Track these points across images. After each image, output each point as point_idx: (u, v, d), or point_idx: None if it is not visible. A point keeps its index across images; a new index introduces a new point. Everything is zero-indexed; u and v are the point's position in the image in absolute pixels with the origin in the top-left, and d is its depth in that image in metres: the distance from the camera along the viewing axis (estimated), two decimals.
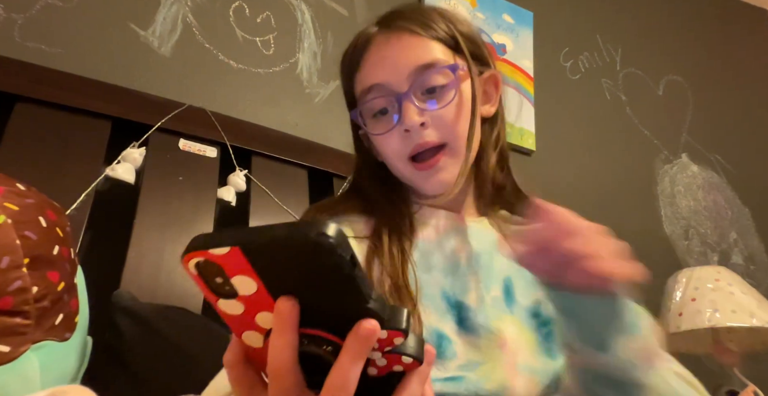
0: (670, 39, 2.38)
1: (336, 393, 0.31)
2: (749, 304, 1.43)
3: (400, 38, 0.70)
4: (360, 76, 0.73)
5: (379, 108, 0.71)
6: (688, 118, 2.31)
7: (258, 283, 0.30)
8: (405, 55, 0.69)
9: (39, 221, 0.66)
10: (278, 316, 0.31)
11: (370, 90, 0.71)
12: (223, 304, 0.31)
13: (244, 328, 0.33)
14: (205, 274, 0.30)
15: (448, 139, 0.70)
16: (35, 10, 1.17)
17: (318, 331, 0.32)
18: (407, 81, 0.69)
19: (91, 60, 1.20)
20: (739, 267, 2.13)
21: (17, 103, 1.03)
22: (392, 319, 0.32)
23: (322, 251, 0.28)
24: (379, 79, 0.70)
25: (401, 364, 0.33)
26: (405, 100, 0.68)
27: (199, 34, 1.35)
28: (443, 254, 0.70)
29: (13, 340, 0.60)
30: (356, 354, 0.31)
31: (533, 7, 2.01)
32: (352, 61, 0.74)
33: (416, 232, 0.72)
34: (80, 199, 1.00)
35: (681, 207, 2.12)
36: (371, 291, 0.31)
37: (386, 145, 0.72)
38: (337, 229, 0.28)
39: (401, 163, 0.72)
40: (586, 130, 2.01)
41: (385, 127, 0.71)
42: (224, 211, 1.19)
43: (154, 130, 1.13)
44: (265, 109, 1.38)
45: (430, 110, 0.69)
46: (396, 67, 0.69)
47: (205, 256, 0.29)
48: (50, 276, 0.65)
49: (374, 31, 0.73)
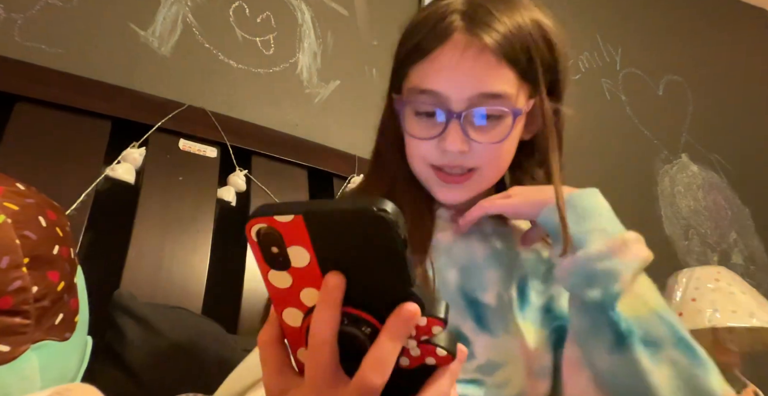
0: (670, 39, 2.38)
1: (373, 372, 0.30)
2: (749, 304, 1.43)
3: (479, 54, 0.62)
4: (421, 69, 0.66)
5: (426, 110, 0.66)
6: (688, 118, 2.31)
7: (311, 255, 0.31)
8: (476, 77, 0.63)
9: (39, 221, 0.66)
10: (325, 289, 0.31)
11: (425, 92, 0.65)
12: (273, 275, 0.32)
13: (287, 303, 0.33)
14: (263, 242, 0.31)
15: (482, 166, 0.67)
16: (35, 10, 1.18)
17: (359, 311, 0.32)
18: (466, 102, 0.64)
19: (91, 60, 1.20)
20: (739, 267, 2.13)
21: (17, 103, 1.04)
22: (433, 308, 0.32)
23: (381, 226, 0.29)
24: (441, 88, 0.64)
25: (434, 356, 0.33)
26: (455, 120, 0.64)
27: (199, 34, 1.35)
28: (462, 252, 0.69)
29: (13, 339, 0.60)
30: (396, 334, 0.31)
31: None
32: (421, 45, 0.65)
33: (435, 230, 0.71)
34: (80, 199, 1.00)
35: (681, 207, 2.12)
36: (416, 277, 0.31)
37: (416, 147, 0.68)
38: (397, 208, 0.30)
39: (422, 165, 0.69)
40: (585, 130, 2.01)
41: (425, 133, 0.66)
42: (224, 211, 1.19)
43: (154, 130, 1.13)
44: (265, 109, 1.38)
45: (475, 142, 0.65)
46: (462, 84, 0.64)
47: (268, 222, 0.30)
48: (50, 276, 0.65)
49: (458, 25, 0.64)
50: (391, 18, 1.68)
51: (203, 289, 1.06)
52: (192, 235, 1.10)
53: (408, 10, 1.73)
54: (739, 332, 1.58)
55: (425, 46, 0.65)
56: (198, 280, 1.06)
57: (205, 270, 1.08)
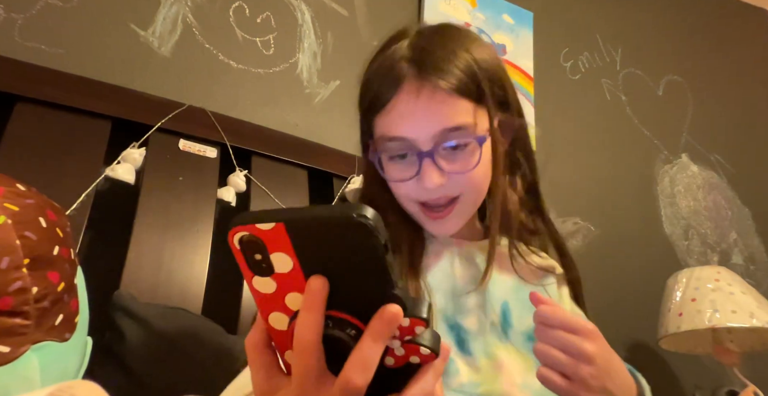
0: (670, 39, 2.38)
1: (356, 372, 0.31)
2: (749, 304, 1.43)
3: (431, 95, 0.67)
4: (384, 120, 0.71)
5: (398, 153, 0.71)
6: (688, 118, 2.31)
7: (294, 261, 0.32)
8: (434, 116, 0.67)
9: (39, 222, 0.66)
10: (309, 293, 0.32)
11: (393, 139, 0.70)
12: (258, 281, 0.33)
13: (272, 308, 0.34)
14: (246, 250, 0.32)
15: (464, 192, 0.71)
16: (35, 10, 1.17)
17: (343, 314, 0.33)
18: (432, 140, 0.68)
19: (91, 60, 1.20)
20: (739, 267, 2.12)
21: (17, 103, 1.03)
22: (415, 308, 0.33)
23: (361, 232, 0.30)
24: (405, 133, 0.69)
25: (419, 355, 0.34)
26: (427, 158, 0.68)
27: (199, 34, 1.35)
28: (443, 278, 0.72)
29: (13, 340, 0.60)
30: (378, 335, 0.32)
31: (533, 7, 2.01)
32: (379, 98, 0.70)
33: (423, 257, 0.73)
34: (80, 199, 1.00)
35: (681, 207, 2.12)
36: (398, 279, 0.33)
37: (399, 189, 0.73)
38: (376, 214, 0.30)
39: (411, 205, 0.73)
40: (586, 130, 2.01)
41: (403, 175, 0.70)
42: (224, 212, 1.19)
43: (154, 131, 1.13)
44: (265, 109, 1.38)
45: (450, 173, 0.68)
46: (423, 126, 0.68)
47: (250, 230, 0.31)
48: (50, 276, 0.65)
49: (406, 72, 0.69)
50: (391, 18, 1.68)
51: (203, 289, 1.06)
52: (192, 235, 1.10)
53: (408, 10, 1.73)
54: (739, 332, 1.58)
55: (382, 97, 0.70)
56: (198, 281, 1.06)
57: (205, 270, 1.08)
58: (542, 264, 0.80)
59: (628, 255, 1.88)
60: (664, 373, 1.77)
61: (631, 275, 1.84)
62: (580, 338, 0.54)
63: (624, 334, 1.74)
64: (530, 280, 0.77)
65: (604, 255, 1.82)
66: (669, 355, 1.73)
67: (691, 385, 1.72)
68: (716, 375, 1.77)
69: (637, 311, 1.71)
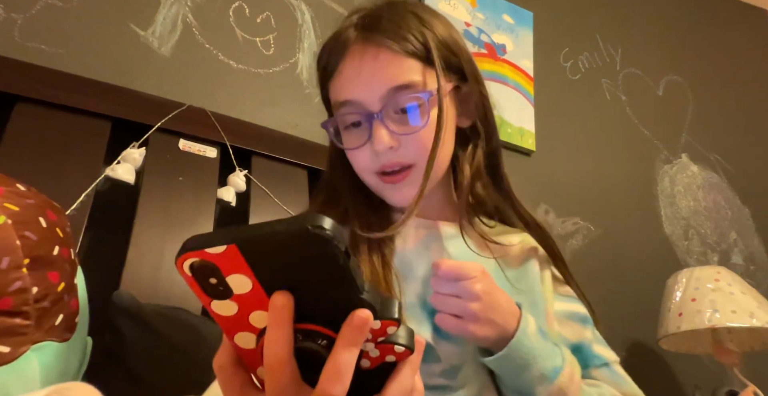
0: (670, 39, 2.38)
1: (332, 382, 0.31)
2: (749, 304, 1.43)
3: (376, 54, 0.68)
4: (334, 85, 0.72)
5: (352, 121, 0.71)
6: (688, 118, 2.31)
7: (253, 280, 0.31)
8: (379, 75, 0.68)
9: (39, 222, 0.66)
10: (273, 310, 0.31)
11: (343, 104, 0.71)
12: (217, 305, 0.32)
13: (237, 329, 0.33)
14: (199, 276, 0.30)
15: (417, 160, 0.70)
16: (35, 10, 1.17)
17: (312, 326, 0.32)
18: (380, 101, 0.68)
19: (91, 60, 1.20)
20: (739, 267, 2.13)
21: (17, 103, 1.03)
22: (385, 310, 0.32)
23: (319, 243, 0.29)
24: (353, 95, 0.69)
25: (393, 354, 0.34)
26: (376, 120, 0.68)
27: (199, 34, 1.35)
28: (420, 262, 0.71)
29: (13, 340, 0.60)
30: (350, 343, 0.31)
31: (533, 7, 2.01)
32: (328, 65, 0.73)
33: (396, 240, 0.72)
34: (80, 199, 1.00)
35: (681, 207, 2.12)
36: (364, 283, 0.32)
37: (356, 159, 0.73)
38: (333, 222, 0.29)
39: (369, 176, 0.73)
40: (586, 130, 2.01)
41: (357, 142, 0.71)
42: (224, 212, 1.19)
43: (154, 131, 1.13)
44: (265, 109, 1.38)
45: (400, 134, 0.68)
46: (369, 85, 0.68)
47: (200, 256, 0.30)
48: (50, 276, 0.65)
49: (353, 36, 0.71)
50: None
51: None
52: (192, 235, 1.10)
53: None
54: (739, 332, 1.58)
55: (331, 64, 0.72)
56: None
57: None
58: (519, 244, 0.79)
59: (628, 255, 1.88)
60: (664, 373, 1.77)
61: (631, 275, 1.84)
62: (469, 282, 0.61)
63: (624, 334, 1.74)
64: (511, 264, 0.76)
65: (604, 255, 1.82)
66: (669, 355, 1.73)
67: (691, 385, 1.72)
68: (716, 375, 1.77)
69: (637, 311, 1.71)
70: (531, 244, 0.81)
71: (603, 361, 0.74)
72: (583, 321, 0.77)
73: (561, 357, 0.64)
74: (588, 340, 0.75)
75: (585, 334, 0.76)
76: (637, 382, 0.74)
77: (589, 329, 0.77)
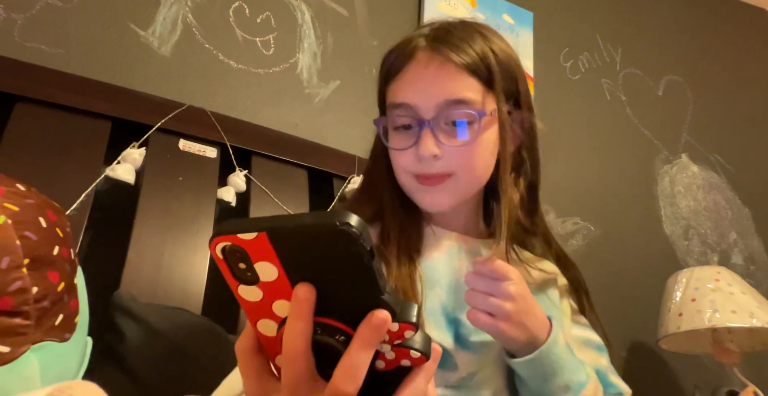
0: (670, 39, 2.38)
1: (345, 379, 0.31)
2: (749, 305, 1.43)
3: (441, 66, 0.71)
4: (394, 87, 0.74)
5: (402, 123, 0.73)
6: (688, 118, 2.31)
7: (279, 270, 0.31)
8: (440, 85, 0.70)
9: (39, 222, 0.66)
10: (295, 301, 0.32)
11: (398, 106, 0.73)
12: (243, 290, 0.33)
13: (260, 315, 0.34)
14: (229, 259, 0.31)
15: (457, 171, 0.71)
16: (35, 10, 1.17)
17: (331, 321, 0.33)
18: (434, 110, 0.70)
19: (91, 60, 1.20)
20: (739, 267, 2.13)
21: (17, 103, 1.03)
22: (404, 313, 0.33)
23: (345, 240, 0.29)
24: (410, 99, 0.71)
25: (409, 358, 0.34)
26: (426, 128, 0.70)
27: (199, 35, 1.35)
28: (446, 271, 0.72)
29: (13, 340, 0.60)
30: (367, 342, 0.32)
31: (533, 8, 2.01)
32: (393, 66, 0.75)
33: (423, 247, 0.74)
34: (80, 199, 1.00)
35: (681, 207, 2.12)
36: (386, 284, 0.32)
37: (397, 159, 0.74)
38: (360, 220, 0.30)
39: (405, 176, 0.74)
40: (586, 130, 2.01)
41: (403, 143, 0.73)
42: (224, 212, 1.19)
43: (154, 131, 1.13)
44: (265, 109, 1.38)
45: (446, 145, 0.70)
46: (428, 93, 0.70)
47: (232, 240, 0.31)
48: (50, 276, 0.65)
49: (422, 45, 0.73)
50: (391, 18, 1.68)
51: (203, 289, 1.06)
52: (192, 235, 1.10)
53: (408, 10, 1.73)
54: (739, 332, 1.58)
55: (396, 66, 0.74)
56: (198, 280, 1.06)
57: (205, 270, 1.08)
58: (543, 269, 0.80)
59: (628, 255, 1.88)
60: (664, 373, 1.77)
61: (631, 275, 1.84)
62: (506, 283, 0.62)
63: (624, 334, 1.74)
64: (531, 288, 0.77)
65: (604, 255, 1.82)
66: (669, 355, 1.73)
67: (691, 385, 1.72)
68: (716, 375, 1.77)
69: (637, 311, 1.71)
70: (553, 273, 0.82)
71: (618, 391, 0.76)
72: (599, 349, 0.79)
73: (586, 374, 0.65)
74: (604, 368, 0.77)
75: (601, 362, 0.77)
76: (637, 382, 0.75)
77: (605, 358, 0.78)
